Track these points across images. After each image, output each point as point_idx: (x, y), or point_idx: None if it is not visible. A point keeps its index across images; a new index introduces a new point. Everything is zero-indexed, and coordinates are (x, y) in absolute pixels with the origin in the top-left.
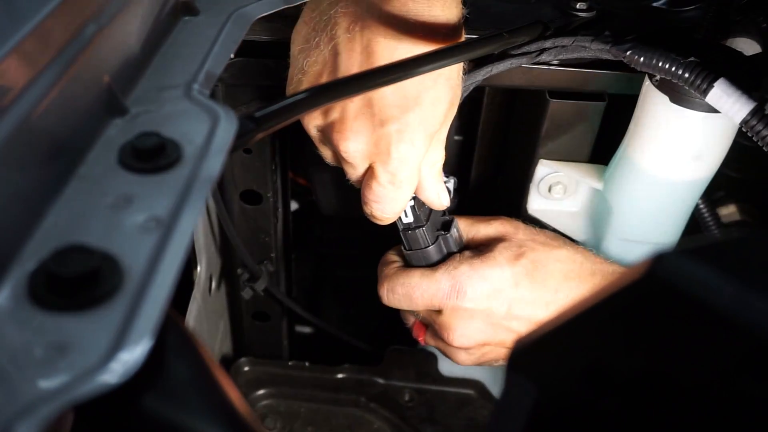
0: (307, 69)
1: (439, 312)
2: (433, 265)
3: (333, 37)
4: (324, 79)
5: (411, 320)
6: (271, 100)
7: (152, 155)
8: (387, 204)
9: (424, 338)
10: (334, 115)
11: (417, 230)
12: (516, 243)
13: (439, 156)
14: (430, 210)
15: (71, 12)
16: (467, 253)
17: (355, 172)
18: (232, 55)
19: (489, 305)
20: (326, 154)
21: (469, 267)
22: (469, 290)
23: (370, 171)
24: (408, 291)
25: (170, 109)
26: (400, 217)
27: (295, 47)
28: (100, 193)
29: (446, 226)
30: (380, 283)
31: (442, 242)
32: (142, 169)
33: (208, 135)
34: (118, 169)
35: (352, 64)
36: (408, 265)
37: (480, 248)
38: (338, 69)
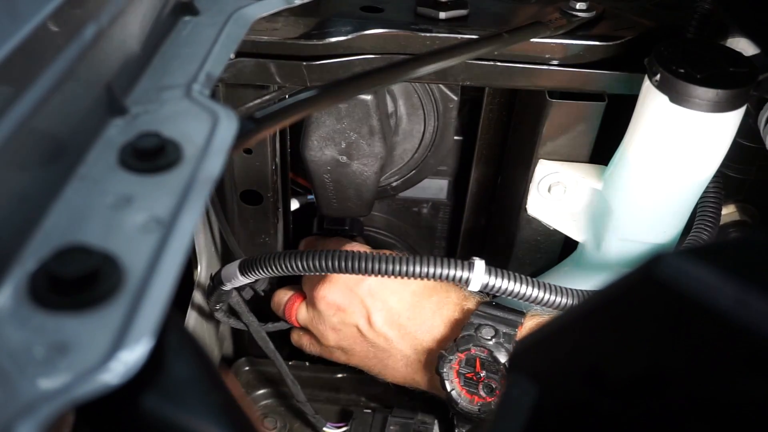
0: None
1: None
2: None
3: None
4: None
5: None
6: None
7: (152, 155)
8: None
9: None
10: None
11: None
12: None
13: None
14: None
15: (71, 12)
16: None
17: None
18: (232, 55)
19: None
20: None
21: None
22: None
23: None
24: None
25: (170, 109)
26: None
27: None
28: (100, 193)
29: None
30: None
31: None
32: (142, 169)
33: (208, 135)
34: (118, 169)
35: None
36: None
37: None
38: None
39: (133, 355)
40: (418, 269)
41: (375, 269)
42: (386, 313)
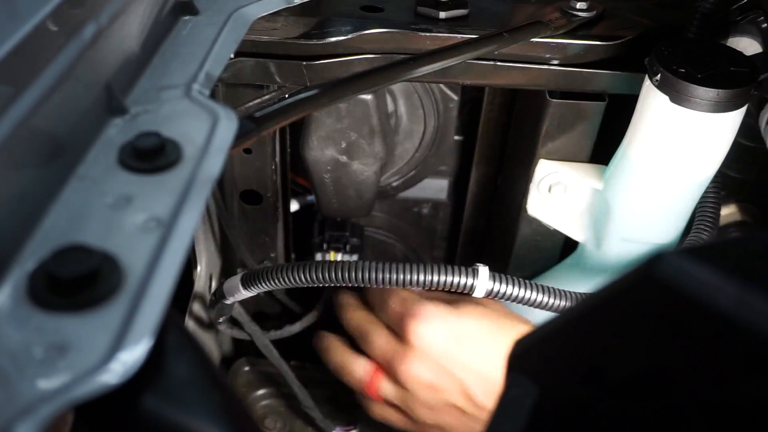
0: None
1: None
2: None
3: None
4: None
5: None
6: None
7: (152, 155)
8: None
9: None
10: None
11: None
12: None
13: None
14: None
15: (70, 11)
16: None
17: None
18: (232, 55)
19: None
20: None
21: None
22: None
23: None
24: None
25: (170, 109)
26: None
27: None
28: (99, 193)
29: None
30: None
31: None
32: (142, 169)
33: (208, 135)
34: (117, 169)
35: None
36: None
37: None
38: None
39: (132, 356)
40: (421, 277)
41: (376, 279)
42: (484, 385)
